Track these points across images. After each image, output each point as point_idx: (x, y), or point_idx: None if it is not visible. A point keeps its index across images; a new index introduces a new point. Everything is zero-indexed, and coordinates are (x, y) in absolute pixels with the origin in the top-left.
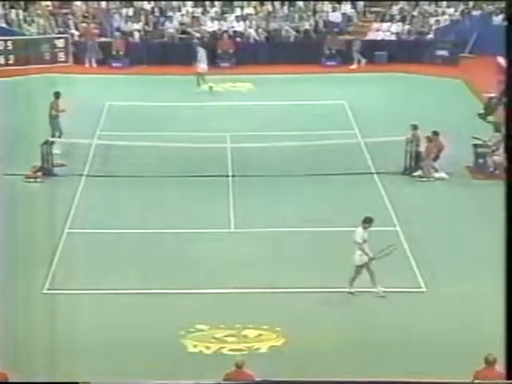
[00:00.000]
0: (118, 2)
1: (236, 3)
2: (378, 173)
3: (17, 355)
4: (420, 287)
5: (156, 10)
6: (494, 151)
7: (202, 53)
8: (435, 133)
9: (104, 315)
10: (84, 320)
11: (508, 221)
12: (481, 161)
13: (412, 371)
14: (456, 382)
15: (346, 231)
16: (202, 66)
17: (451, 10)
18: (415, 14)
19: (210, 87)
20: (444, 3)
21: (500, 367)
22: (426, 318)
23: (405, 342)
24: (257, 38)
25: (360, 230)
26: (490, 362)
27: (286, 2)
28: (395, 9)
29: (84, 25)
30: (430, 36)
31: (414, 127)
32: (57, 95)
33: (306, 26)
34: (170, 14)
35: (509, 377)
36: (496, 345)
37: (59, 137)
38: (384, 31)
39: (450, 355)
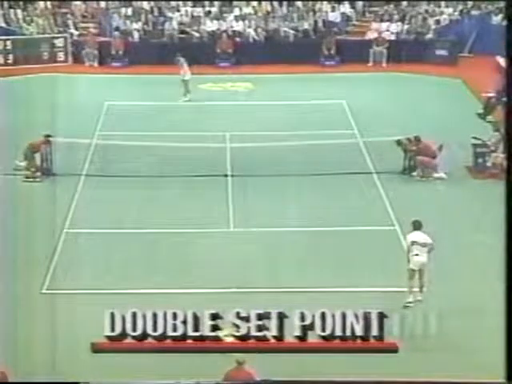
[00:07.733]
0: (116, 2)
1: (235, 3)
2: (377, 172)
3: (15, 355)
4: None
5: (155, 9)
6: (493, 151)
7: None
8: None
9: (103, 315)
10: (83, 320)
11: (508, 221)
12: (480, 160)
13: (417, 372)
14: (458, 382)
15: (346, 231)
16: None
17: (450, 10)
18: (414, 13)
19: None
20: (443, 3)
21: (499, 368)
22: (425, 318)
23: (404, 343)
24: (256, 37)
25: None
26: None
27: (285, 2)
28: (389, 8)
29: (84, 25)
30: (429, 36)
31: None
32: None
33: (305, 25)
34: (169, 13)
35: (509, 377)
36: (496, 347)
37: None
38: (383, 31)
39: (450, 355)
